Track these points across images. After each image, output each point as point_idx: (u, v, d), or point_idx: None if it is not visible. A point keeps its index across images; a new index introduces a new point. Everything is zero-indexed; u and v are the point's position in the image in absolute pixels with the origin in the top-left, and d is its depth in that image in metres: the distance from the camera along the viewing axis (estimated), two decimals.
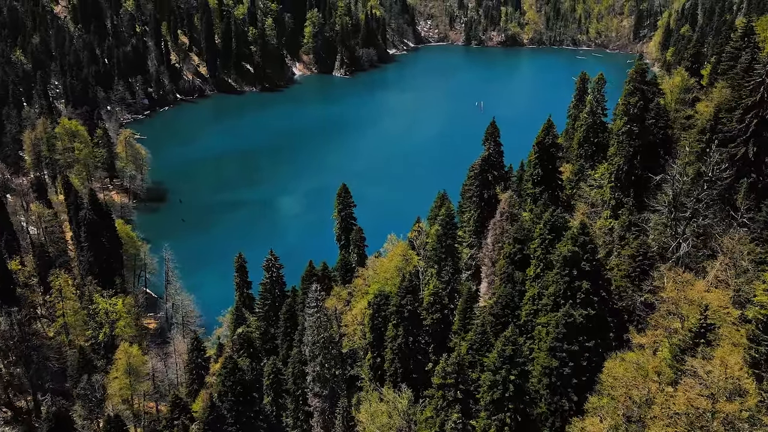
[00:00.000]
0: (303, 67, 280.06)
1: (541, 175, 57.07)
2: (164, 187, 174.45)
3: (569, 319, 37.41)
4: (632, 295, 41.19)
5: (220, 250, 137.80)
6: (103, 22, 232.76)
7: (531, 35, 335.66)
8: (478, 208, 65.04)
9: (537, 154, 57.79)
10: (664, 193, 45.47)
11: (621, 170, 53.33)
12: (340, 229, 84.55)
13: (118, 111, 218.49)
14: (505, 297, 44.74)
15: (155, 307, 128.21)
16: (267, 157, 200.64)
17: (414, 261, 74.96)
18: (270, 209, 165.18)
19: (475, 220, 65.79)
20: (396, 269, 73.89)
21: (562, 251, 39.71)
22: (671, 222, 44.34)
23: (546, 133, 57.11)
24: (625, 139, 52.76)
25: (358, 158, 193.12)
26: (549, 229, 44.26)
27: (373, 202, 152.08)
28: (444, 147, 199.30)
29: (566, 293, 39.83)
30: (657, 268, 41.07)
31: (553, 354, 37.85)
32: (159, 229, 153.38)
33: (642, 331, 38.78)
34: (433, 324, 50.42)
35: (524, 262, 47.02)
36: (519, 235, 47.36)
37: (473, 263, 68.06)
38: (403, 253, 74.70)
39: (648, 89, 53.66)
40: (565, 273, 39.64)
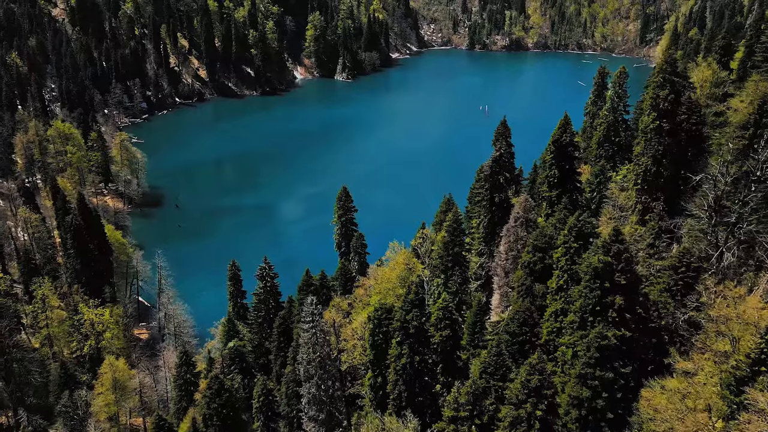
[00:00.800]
0: (304, 71, 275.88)
1: (557, 176, 51.88)
2: (161, 191, 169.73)
3: (603, 341, 32.12)
4: (674, 313, 35.86)
5: (217, 256, 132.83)
6: (101, 25, 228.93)
7: (535, 39, 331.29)
8: (489, 212, 59.84)
9: (553, 154, 52.62)
10: (702, 196, 40.18)
11: (649, 171, 48.13)
12: (341, 235, 79.35)
13: (115, 114, 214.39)
14: (523, 312, 39.44)
15: (148, 316, 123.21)
16: (267, 162, 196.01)
17: (418, 270, 69.65)
18: (269, 215, 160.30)
19: (485, 226, 60.56)
20: (399, 279, 68.57)
21: (592, 262, 34.46)
22: (711, 228, 39.10)
23: (562, 130, 51.98)
24: (654, 136, 47.59)
25: (360, 162, 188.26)
26: (575, 236, 39.01)
27: (376, 208, 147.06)
28: (448, 151, 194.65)
29: (596, 310, 34.53)
30: (702, 281, 35.72)
31: (583, 382, 32.52)
32: (154, 234, 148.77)
33: (686, 354, 33.44)
34: (441, 342, 45.11)
35: (545, 273, 41.80)
36: (539, 243, 42.12)
37: (483, 272, 62.73)
38: (407, 262, 69.41)
39: (679, 81, 48.51)
40: (595, 286, 34.35)
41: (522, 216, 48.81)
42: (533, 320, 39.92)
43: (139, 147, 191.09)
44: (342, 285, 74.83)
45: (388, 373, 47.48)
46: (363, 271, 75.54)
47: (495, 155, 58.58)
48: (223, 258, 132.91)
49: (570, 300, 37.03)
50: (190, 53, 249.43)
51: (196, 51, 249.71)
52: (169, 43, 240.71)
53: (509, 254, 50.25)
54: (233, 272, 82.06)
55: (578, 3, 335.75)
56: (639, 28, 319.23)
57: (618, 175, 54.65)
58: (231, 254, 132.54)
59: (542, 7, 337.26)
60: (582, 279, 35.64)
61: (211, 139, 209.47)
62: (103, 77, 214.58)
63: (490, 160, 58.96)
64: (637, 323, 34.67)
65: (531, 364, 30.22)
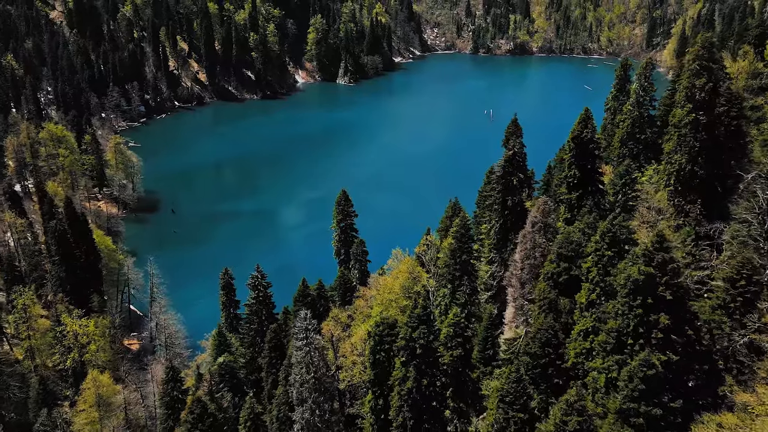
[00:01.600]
0: (306, 74, 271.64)
1: (578, 177, 46.62)
2: (157, 196, 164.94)
3: (649, 370, 26.82)
4: (730, 334, 30.56)
5: (214, 263, 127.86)
6: (99, 28, 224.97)
7: (540, 44, 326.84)
8: (501, 217, 54.54)
9: (573, 152, 47.37)
10: (752, 198, 34.95)
11: (683, 170, 42.87)
12: (340, 241, 74.10)
13: (113, 118, 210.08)
14: (545, 331, 34.17)
15: (139, 325, 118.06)
16: (267, 166, 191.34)
17: (423, 280, 64.31)
18: (268, 220, 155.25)
19: (497, 231, 55.25)
20: (402, 289, 63.24)
21: (631, 273, 29.23)
22: (765, 235, 33.81)
23: (583, 126, 46.78)
24: (689, 131, 42.41)
25: (362, 166, 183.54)
26: (608, 243, 33.78)
27: (378, 213, 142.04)
28: (453, 156, 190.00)
29: (637, 330, 29.25)
30: (766, 297, 30.41)
31: (625, 419, 27.19)
32: (149, 240, 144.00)
33: (746, 384, 28.13)
34: (452, 362, 39.77)
35: (572, 286, 36.55)
36: (565, 251, 36.90)
37: (494, 283, 57.33)
38: (411, 271, 64.10)
39: (717, 69, 43.36)
40: (635, 303, 29.10)
41: (540, 221, 43.57)
42: (557, 340, 34.64)
43: (136, 151, 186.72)
44: (341, 295, 69.50)
45: (392, 396, 42.07)
46: (364, 280, 70.22)
47: (508, 154, 53.33)
48: (219, 265, 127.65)
49: (603, 317, 31.80)
50: (190, 56, 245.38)
51: (195, 54, 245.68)
52: (168, 46, 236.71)
53: (526, 263, 44.96)
54: (226, 281, 76.82)
55: (583, 7, 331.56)
56: (645, 32, 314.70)
57: (644, 176, 49.49)
58: (228, 261, 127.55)
59: (547, 11, 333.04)
60: (618, 293, 30.40)
61: (210, 143, 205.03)
62: (100, 80, 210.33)
63: (503, 160, 53.73)
64: (686, 347, 29.40)
65: (568, 402, 25.01)
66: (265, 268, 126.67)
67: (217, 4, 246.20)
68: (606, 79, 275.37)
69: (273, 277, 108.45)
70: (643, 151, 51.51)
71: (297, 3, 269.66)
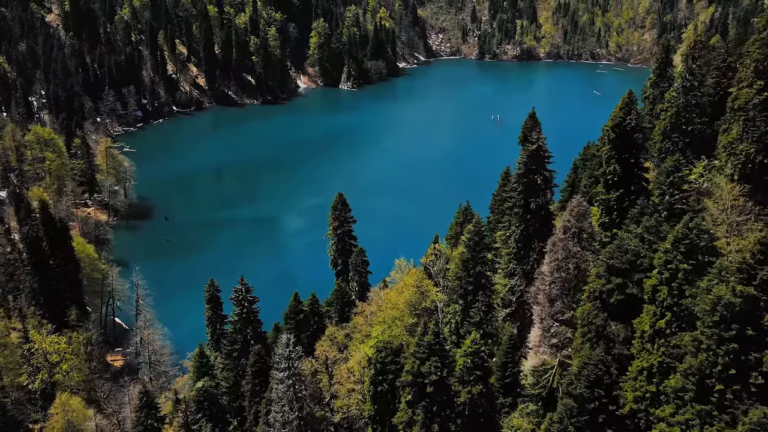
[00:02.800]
0: (308, 79, 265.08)
1: (618, 172, 38.75)
2: (150, 203, 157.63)
3: None
4: None
5: (207, 274, 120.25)
6: (96, 31, 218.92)
7: (548, 49, 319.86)
8: (522, 222, 46.65)
9: (612, 144, 39.53)
10: None
11: (752, 162, 35.05)
12: (337, 251, 66.20)
13: (108, 123, 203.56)
14: (594, 366, 26.28)
15: (125, 340, 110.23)
16: (267, 172, 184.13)
17: (431, 294, 56.20)
18: (267, 228, 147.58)
19: (517, 239, 47.33)
20: (407, 305, 55.17)
21: (722, 294, 21.40)
22: None
23: (626, 112, 38.98)
24: (759, 113, 34.65)
25: (365, 172, 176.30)
26: (684, 254, 25.81)
27: (380, 220, 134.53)
28: (460, 161, 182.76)
29: (727, 372, 21.35)
30: None
31: None
32: (139, 249, 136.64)
33: None
34: (470, 400, 31.79)
35: (628, 308, 28.64)
36: (618, 263, 28.95)
37: (514, 298, 49.24)
38: (417, 284, 56.04)
39: None
40: (728, 335, 21.26)
41: (575, 225, 35.68)
42: (609, 378, 26.70)
43: (131, 156, 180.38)
44: (338, 311, 61.46)
45: None
46: (363, 294, 62.17)
47: (530, 149, 45.49)
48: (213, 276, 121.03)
49: (676, 353, 23.93)
50: (189, 60, 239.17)
51: (194, 58, 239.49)
52: (166, 49, 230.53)
53: (556, 276, 37.04)
54: (212, 293, 68.95)
55: (591, 12, 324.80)
56: (655, 37, 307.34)
57: (693, 174, 41.67)
58: (222, 271, 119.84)
59: (554, 16, 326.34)
60: (700, 321, 22.53)
61: (208, 149, 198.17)
62: (96, 84, 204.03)
63: (524, 156, 45.87)
64: None
65: None
66: (261, 279, 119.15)
67: (217, 8, 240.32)
68: (615, 85, 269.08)
69: (269, 289, 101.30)
70: (690, 144, 43.70)
71: (299, 6, 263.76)
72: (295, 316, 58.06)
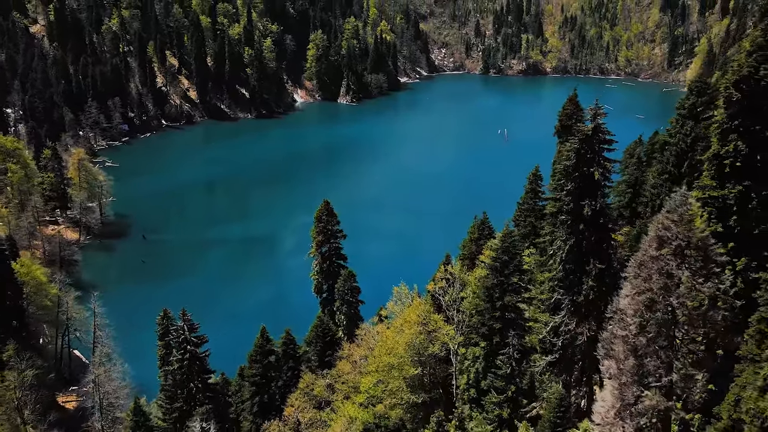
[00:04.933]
0: (305, 93, 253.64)
1: (743, 154, 25.18)
2: (128, 221, 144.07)
3: None
4: None
5: (185, 300, 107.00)
6: (82, 41, 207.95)
7: (554, 63, 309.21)
8: (572, 234, 32.87)
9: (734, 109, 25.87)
10: None
11: None
12: (321, 273, 51.99)
13: (91, 136, 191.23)
14: None
15: (82, 377, 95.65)
16: (259, 188, 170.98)
17: (442, 333, 41.88)
18: (256, 248, 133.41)
19: (565, 258, 33.44)
20: (409, 348, 40.91)
21: None
22: None
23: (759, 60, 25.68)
24: None
25: (364, 188, 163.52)
26: None
27: (378, 238, 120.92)
28: (467, 177, 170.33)
29: None
30: None
31: None
32: (110, 272, 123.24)
33: None
34: None
35: None
36: None
37: (559, 342, 34.98)
38: (422, 319, 41.79)
39: None
40: None
41: (678, 236, 21.86)
42: None
43: (112, 171, 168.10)
44: (318, 352, 47.03)
45: None
46: (353, 329, 47.85)
47: (585, 131, 31.86)
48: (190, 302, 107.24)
49: None
50: (180, 72, 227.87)
51: (186, 70, 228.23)
52: (156, 61, 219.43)
53: (647, 315, 23.12)
54: (165, 327, 54.46)
55: (599, 26, 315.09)
56: (666, 52, 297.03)
57: None
58: (201, 297, 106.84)
59: (561, 30, 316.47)
60: None
61: (197, 164, 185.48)
62: (78, 95, 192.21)
63: (577, 142, 32.24)
64: None
65: None
66: (242, 307, 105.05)
67: (209, 18, 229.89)
68: (625, 100, 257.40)
69: (250, 320, 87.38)
70: None
71: (296, 18, 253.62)
72: (261, 359, 43.66)
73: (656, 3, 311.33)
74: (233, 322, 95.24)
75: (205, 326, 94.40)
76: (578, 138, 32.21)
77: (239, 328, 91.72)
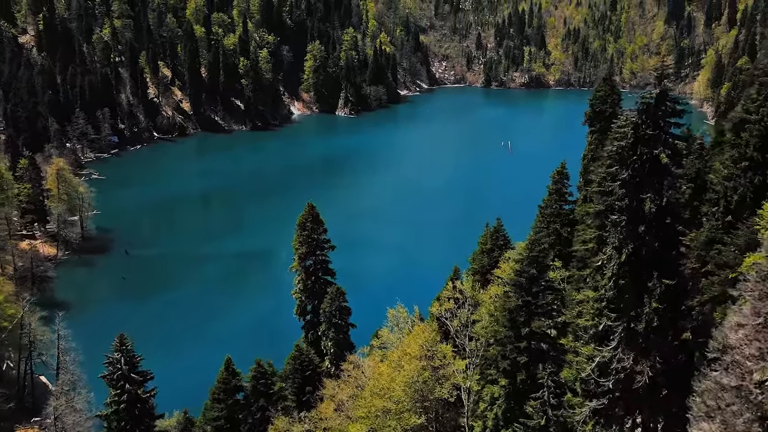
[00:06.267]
0: (302, 105, 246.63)
1: None
2: (111, 235, 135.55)
3: None
4: None
5: (166, 321, 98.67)
6: (72, 50, 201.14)
7: (558, 76, 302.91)
8: (629, 240, 24.27)
9: None
10: None
11: None
12: (305, 291, 43.12)
13: (79, 148, 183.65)
14: None
15: (46, 406, 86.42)
16: (252, 201, 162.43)
17: (451, 371, 32.93)
18: (244, 265, 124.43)
19: (618, 272, 24.79)
20: (408, 386, 31.90)
21: None
22: None
23: None
24: None
25: (362, 200, 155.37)
26: None
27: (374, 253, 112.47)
28: (470, 189, 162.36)
29: None
30: None
31: None
32: (87, 290, 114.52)
33: None
34: None
35: None
36: None
37: (609, 384, 26.05)
38: (427, 351, 32.85)
39: None
40: None
41: None
42: None
43: (98, 184, 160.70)
44: (296, 390, 37.95)
45: None
46: (338, 362, 38.80)
47: (649, 97, 23.48)
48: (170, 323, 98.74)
49: None
50: (173, 83, 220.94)
51: (179, 81, 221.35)
52: (148, 71, 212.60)
53: None
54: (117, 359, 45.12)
55: (603, 39, 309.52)
56: (672, 64, 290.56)
57: None
58: (182, 318, 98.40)
59: (564, 42, 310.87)
60: None
61: (188, 176, 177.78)
62: (66, 105, 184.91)
63: (636, 114, 23.87)
64: None
65: None
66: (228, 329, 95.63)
67: (204, 27, 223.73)
68: None
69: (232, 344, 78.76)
70: None
71: (293, 29, 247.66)
72: (225, 397, 34.68)
73: (661, 15, 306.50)
74: (213, 346, 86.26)
75: (181, 351, 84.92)
76: (638, 108, 23.84)
77: (219, 353, 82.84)
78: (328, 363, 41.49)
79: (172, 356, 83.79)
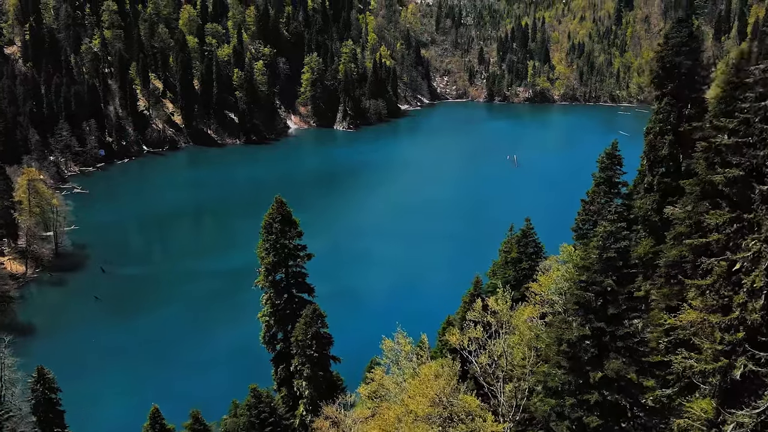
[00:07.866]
0: (299, 119, 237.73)
1: None
2: (88, 251, 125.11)
3: None
4: None
5: (140, 346, 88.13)
6: (59, 61, 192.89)
7: (562, 91, 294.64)
8: None
9: None
10: None
11: None
12: (274, 312, 32.11)
13: (62, 161, 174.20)
14: None
15: None
16: (242, 218, 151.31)
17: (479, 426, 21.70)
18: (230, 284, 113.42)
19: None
20: None
21: None
22: None
23: None
24: None
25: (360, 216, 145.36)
26: None
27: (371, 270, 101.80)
28: (477, 204, 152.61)
29: None
30: None
31: None
32: (55, 311, 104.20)
33: None
34: None
35: None
36: None
37: None
38: (438, 397, 21.76)
39: None
40: None
41: None
42: None
43: (81, 198, 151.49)
44: None
45: None
46: (316, 405, 27.65)
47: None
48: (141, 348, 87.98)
49: None
50: (164, 96, 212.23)
51: (171, 93, 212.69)
52: (138, 83, 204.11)
53: None
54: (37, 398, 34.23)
55: (608, 53, 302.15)
56: None
57: None
58: (155, 341, 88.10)
59: (568, 57, 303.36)
60: None
61: (176, 191, 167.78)
62: (50, 116, 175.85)
63: None
64: None
65: None
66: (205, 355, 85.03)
67: (197, 38, 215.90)
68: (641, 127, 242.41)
69: (198, 377, 68.56)
70: None
71: (290, 41, 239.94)
72: None
73: (667, 29, 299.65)
74: (177, 378, 75.73)
75: (141, 384, 73.25)
76: None
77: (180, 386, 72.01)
78: (303, 410, 30.54)
79: (129, 393, 72.90)
